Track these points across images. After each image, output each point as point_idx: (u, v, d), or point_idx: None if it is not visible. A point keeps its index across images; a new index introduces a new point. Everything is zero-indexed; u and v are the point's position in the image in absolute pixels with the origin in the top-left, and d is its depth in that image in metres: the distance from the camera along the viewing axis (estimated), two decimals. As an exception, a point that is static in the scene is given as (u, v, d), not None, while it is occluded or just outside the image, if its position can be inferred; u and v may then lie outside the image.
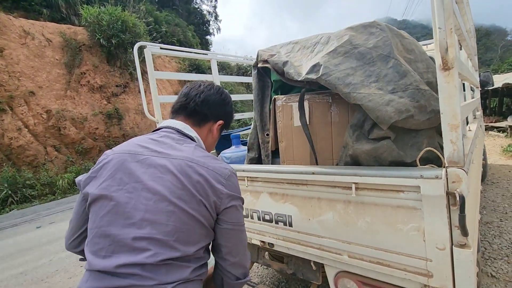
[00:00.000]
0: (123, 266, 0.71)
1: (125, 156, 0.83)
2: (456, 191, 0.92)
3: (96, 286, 0.72)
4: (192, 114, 1.02)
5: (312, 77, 1.26)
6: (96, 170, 0.85)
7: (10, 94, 9.43)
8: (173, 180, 0.78)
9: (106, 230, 0.75)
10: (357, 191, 1.16)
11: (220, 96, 1.07)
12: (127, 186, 0.78)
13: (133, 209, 0.75)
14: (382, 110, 1.10)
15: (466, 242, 0.95)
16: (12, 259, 3.99)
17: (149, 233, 0.73)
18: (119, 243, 0.73)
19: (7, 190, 8.10)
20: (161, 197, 0.76)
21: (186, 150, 0.87)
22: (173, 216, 0.75)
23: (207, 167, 0.83)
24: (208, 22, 27.89)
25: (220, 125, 1.08)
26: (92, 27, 12.08)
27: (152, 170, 0.79)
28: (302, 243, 1.39)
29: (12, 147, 9.05)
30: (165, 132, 0.95)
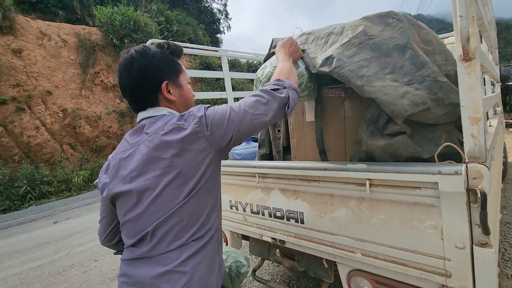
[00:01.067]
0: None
1: (119, 155, 0.90)
2: (477, 187, 0.87)
3: (127, 259, 0.85)
4: (142, 105, 0.93)
5: (325, 70, 1.21)
6: (108, 174, 0.92)
7: (28, 94, 9.76)
8: (154, 156, 0.81)
9: (128, 218, 0.85)
10: (371, 188, 1.13)
11: (132, 69, 0.89)
12: (128, 177, 0.84)
13: (139, 190, 0.82)
14: (398, 103, 1.05)
15: (487, 241, 0.90)
16: (31, 253, 4.14)
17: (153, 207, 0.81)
18: (137, 225, 0.83)
19: (26, 187, 8.41)
20: (153, 174, 0.81)
21: (155, 126, 0.86)
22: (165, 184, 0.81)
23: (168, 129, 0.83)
24: (219, 20, 27.96)
25: (167, 85, 0.92)
26: (105, 27, 12.34)
27: (139, 156, 0.83)
28: (314, 240, 1.36)
29: (31, 145, 9.37)
30: (140, 123, 0.92)
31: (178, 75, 0.97)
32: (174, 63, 0.96)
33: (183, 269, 0.77)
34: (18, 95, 9.52)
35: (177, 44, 1.00)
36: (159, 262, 0.78)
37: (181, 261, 0.78)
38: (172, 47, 0.96)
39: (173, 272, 0.77)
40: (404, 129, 1.11)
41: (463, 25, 0.83)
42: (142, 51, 0.90)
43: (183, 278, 0.76)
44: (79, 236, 4.58)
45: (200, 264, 0.80)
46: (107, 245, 1.05)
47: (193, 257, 0.79)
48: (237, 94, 3.17)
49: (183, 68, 1.00)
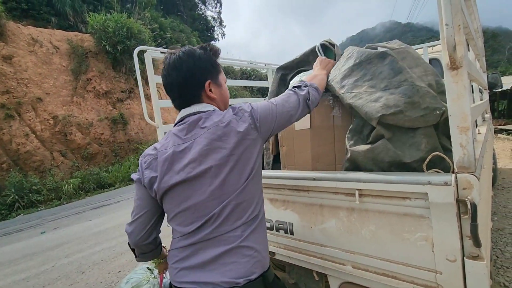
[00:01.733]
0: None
1: (169, 150, 0.93)
2: (467, 198, 0.85)
3: (185, 245, 0.91)
4: (187, 102, 0.99)
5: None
6: (153, 168, 0.94)
7: (18, 101, 9.61)
8: (217, 146, 0.89)
9: (187, 206, 0.90)
10: (361, 198, 1.10)
11: (181, 69, 0.96)
12: (187, 169, 0.89)
13: (203, 178, 0.89)
14: (370, 106, 1.10)
15: (479, 254, 0.88)
16: (16, 265, 3.99)
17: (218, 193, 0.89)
18: (199, 210, 0.89)
19: (14, 195, 8.19)
20: (216, 163, 0.88)
21: (212, 119, 0.93)
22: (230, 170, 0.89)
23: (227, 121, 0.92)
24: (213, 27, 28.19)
25: (210, 84, 0.99)
26: (98, 34, 12.30)
27: (199, 147, 0.89)
28: (304, 252, 1.32)
29: (20, 152, 9.18)
30: (188, 118, 0.97)
31: (218, 75, 1.04)
32: (216, 63, 1.03)
33: (248, 244, 0.88)
34: (7, 102, 9.36)
35: (217, 46, 1.07)
36: (223, 242, 0.87)
37: (244, 237, 0.88)
38: (213, 48, 1.04)
39: (240, 247, 0.87)
40: (381, 132, 1.12)
41: (449, 33, 0.82)
42: (189, 53, 0.97)
43: (249, 251, 0.88)
44: (67, 247, 4.44)
45: (258, 238, 0.92)
46: (143, 243, 1.04)
47: (253, 233, 0.90)
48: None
49: (221, 68, 1.07)
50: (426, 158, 1.03)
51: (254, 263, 0.88)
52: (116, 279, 3.12)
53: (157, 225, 1.04)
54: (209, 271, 0.86)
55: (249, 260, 0.87)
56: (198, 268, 0.87)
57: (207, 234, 0.88)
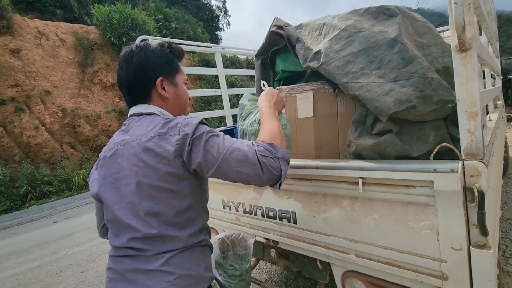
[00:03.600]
0: (129, 241, 0.83)
1: (104, 153, 0.92)
2: (475, 186, 0.83)
3: (114, 255, 0.87)
4: (135, 99, 0.95)
5: (313, 66, 1.20)
6: (96, 172, 0.95)
7: (27, 94, 9.75)
8: (135, 162, 0.83)
9: (112, 218, 0.88)
10: (365, 187, 1.08)
11: (131, 62, 0.90)
12: (111, 178, 0.87)
13: (120, 196, 0.85)
14: (381, 100, 1.02)
15: (485, 242, 0.86)
16: (29, 253, 4.13)
17: (132, 213, 0.83)
18: (121, 225, 0.85)
19: (26, 187, 8.42)
20: (130, 180, 0.83)
21: (139, 129, 0.87)
22: (143, 193, 0.82)
23: (153, 135, 0.83)
24: (218, 17, 27.83)
25: (162, 81, 0.93)
26: (103, 26, 12.28)
27: (121, 159, 0.86)
28: (307, 241, 1.32)
29: (31, 145, 9.37)
30: (128, 121, 0.95)
31: (175, 74, 0.98)
32: (173, 61, 0.98)
33: (169, 269, 0.80)
34: (17, 95, 9.51)
35: (179, 46, 1.02)
36: (143, 261, 0.81)
37: (166, 260, 0.80)
38: (172, 47, 0.98)
39: (158, 271, 0.79)
40: (390, 127, 1.07)
41: (458, 12, 0.78)
42: (142, 47, 0.93)
43: (169, 276, 0.79)
44: (77, 236, 4.56)
45: (186, 263, 0.83)
46: (104, 237, 1.06)
47: (180, 256, 0.83)
48: (231, 91, 3.12)
49: (181, 68, 1.02)
50: (436, 152, 0.99)
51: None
52: (125, 267, 3.20)
53: None
54: (127, 281, 0.80)
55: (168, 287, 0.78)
56: (120, 276, 0.82)
57: (128, 251, 0.83)
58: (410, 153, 1.05)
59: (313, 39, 1.40)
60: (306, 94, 1.39)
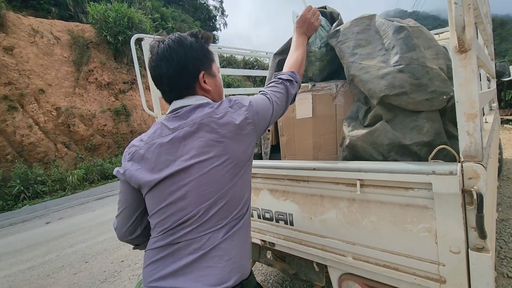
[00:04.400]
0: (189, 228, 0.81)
1: (156, 140, 0.86)
2: (473, 188, 0.82)
3: (161, 246, 0.83)
4: (179, 95, 0.92)
5: (332, 43, 1.29)
6: (137, 161, 0.88)
7: (20, 92, 9.60)
8: (212, 138, 0.82)
9: (172, 200, 0.82)
10: (362, 188, 1.07)
11: (171, 60, 0.87)
12: (177, 162, 0.82)
13: (191, 174, 0.81)
14: (375, 82, 1.07)
15: (484, 245, 0.85)
16: (21, 254, 4.05)
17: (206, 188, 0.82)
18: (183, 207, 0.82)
19: (19, 186, 8.29)
20: (210, 155, 0.81)
21: (202, 112, 0.86)
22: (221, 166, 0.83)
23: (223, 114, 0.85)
24: (215, 17, 27.77)
25: (204, 74, 0.92)
26: (99, 25, 12.17)
27: (189, 140, 0.83)
28: (304, 243, 1.31)
29: (24, 144, 9.23)
30: (179, 111, 0.90)
31: (212, 64, 0.97)
32: (209, 52, 0.96)
33: (227, 247, 0.81)
34: (10, 94, 9.36)
35: (208, 32, 0.99)
36: (200, 244, 0.79)
37: (224, 240, 0.81)
38: (205, 35, 0.95)
39: (218, 250, 0.79)
40: (380, 112, 1.09)
41: (458, 13, 0.77)
42: (179, 42, 0.89)
43: (227, 256, 0.80)
44: (71, 237, 4.49)
45: (240, 243, 0.84)
46: (127, 238, 0.99)
47: (234, 236, 0.83)
48: (228, 91, 3.09)
49: (214, 56, 1.00)
50: (428, 142, 0.99)
51: (232, 270, 0.80)
52: (119, 268, 3.15)
53: (141, 220, 0.97)
54: (182, 276, 0.77)
55: (226, 266, 0.79)
56: (171, 276, 0.78)
57: (184, 235, 0.80)
58: (402, 141, 1.06)
59: None
60: (305, 95, 1.38)
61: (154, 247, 0.84)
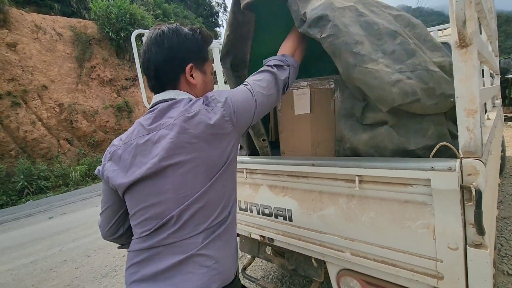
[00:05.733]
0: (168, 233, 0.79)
1: (133, 141, 0.85)
2: (472, 185, 0.81)
3: (142, 249, 0.81)
4: (163, 84, 0.90)
5: (316, 35, 1.04)
6: (115, 161, 0.87)
7: (23, 88, 9.64)
8: (184, 139, 0.79)
9: (148, 204, 0.81)
10: (361, 184, 1.07)
11: (162, 46, 0.86)
12: (147, 164, 0.80)
13: (165, 176, 0.79)
14: (386, 90, 0.97)
15: (482, 242, 0.85)
16: (24, 249, 4.10)
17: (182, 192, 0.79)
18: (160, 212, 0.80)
19: (23, 182, 8.36)
20: (182, 158, 0.78)
21: (177, 110, 0.83)
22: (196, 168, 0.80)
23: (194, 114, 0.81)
24: (217, 13, 27.64)
25: (192, 68, 0.90)
26: (101, 21, 12.14)
27: (163, 141, 0.80)
28: (303, 238, 1.31)
29: (27, 140, 9.29)
30: (159, 105, 0.87)
31: (204, 62, 0.95)
32: (204, 49, 0.95)
33: (207, 253, 0.78)
34: (13, 90, 9.40)
35: (209, 32, 0.98)
36: (180, 249, 0.77)
37: (205, 245, 0.78)
38: (204, 33, 0.95)
39: (198, 256, 0.77)
40: (385, 118, 1.05)
41: (459, 7, 0.76)
42: (175, 30, 0.89)
43: (208, 261, 0.78)
44: (73, 232, 4.54)
45: (222, 247, 0.82)
46: (110, 238, 0.99)
47: (216, 240, 0.80)
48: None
49: (209, 57, 0.99)
50: (433, 146, 0.97)
51: (213, 276, 0.77)
52: (120, 263, 3.18)
53: (124, 220, 0.96)
54: (161, 280, 0.76)
55: (207, 272, 0.77)
56: (151, 280, 0.77)
57: (164, 239, 0.78)
58: (407, 146, 1.04)
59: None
60: (303, 90, 1.37)
61: (135, 249, 0.83)
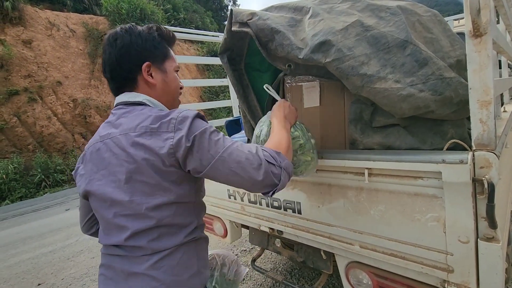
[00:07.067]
0: (118, 240, 0.78)
1: (91, 147, 0.85)
2: (485, 177, 0.80)
3: (105, 253, 0.84)
4: (119, 86, 0.87)
5: (320, 60, 1.02)
6: (84, 165, 0.87)
7: (39, 84, 9.93)
8: (123, 157, 0.76)
9: (100, 216, 0.83)
10: (370, 177, 1.06)
11: (114, 46, 0.84)
12: (97, 175, 0.81)
13: (106, 194, 0.78)
14: (396, 106, 0.96)
15: (494, 235, 0.83)
16: (43, 239, 4.28)
17: (120, 211, 0.77)
18: (110, 224, 0.80)
19: (40, 175, 8.68)
20: (119, 177, 0.76)
21: (128, 121, 0.80)
22: (134, 190, 0.76)
23: (143, 132, 0.76)
24: (226, 7, 27.45)
25: (149, 66, 0.86)
26: (112, 16, 12.32)
27: (108, 154, 0.79)
28: (311, 231, 1.32)
29: (43, 134, 9.60)
30: (115, 111, 0.86)
31: (164, 60, 0.90)
32: (161, 46, 0.90)
33: (156, 275, 0.75)
34: (29, 86, 9.69)
35: (169, 30, 0.95)
36: (132, 263, 0.76)
37: (152, 264, 0.75)
38: (161, 30, 0.91)
39: (145, 276, 0.74)
40: (396, 122, 1.04)
41: (473, -5, 0.74)
42: (128, 29, 0.86)
43: (155, 282, 0.74)
44: (89, 223, 4.69)
45: (175, 267, 0.77)
46: (88, 233, 1.05)
47: (164, 260, 0.76)
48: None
49: (172, 54, 0.94)
50: (449, 148, 0.95)
51: None
52: (134, 253, 3.28)
53: (96, 220, 0.97)
54: (116, 282, 0.78)
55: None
56: (114, 281, 0.78)
57: (117, 251, 0.78)
58: (422, 147, 1.02)
59: (297, 22, 1.18)
60: (312, 83, 1.36)
61: (102, 251, 0.86)
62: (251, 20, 1.16)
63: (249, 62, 1.53)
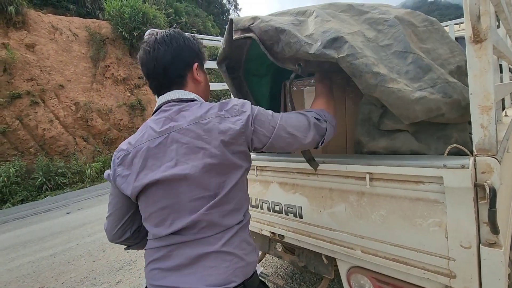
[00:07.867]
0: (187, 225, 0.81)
1: (144, 144, 0.85)
2: (486, 182, 0.80)
3: (160, 245, 0.84)
4: (170, 84, 0.91)
5: (332, 55, 0.98)
6: (126, 166, 0.87)
7: (42, 88, 9.98)
8: (197, 144, 0.80)
9: (163, 205, 0.83)
10: (372, 182, 1.06)
11: (170, 45, 0.89)
12: (163, 166, 0.82)
13: (180, 175, 0.80)
14: (410, 109, 0.94)
15: (496, 241, 0.83)
16: (44, 242, 4.27)
17: (197, 191, 0.80)
18: (179, 209, 0.82)
19: (41, 178, 8.68)
20: (195, 163, 0.79)
21: (191, 114, 0.84)
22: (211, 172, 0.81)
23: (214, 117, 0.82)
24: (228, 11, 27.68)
25: (198, 66, 0.95)
26: (114, 21, 12.40)
27: (176, 145, 0.82)
28: (313, 235, 1.31)
29: (45, 137, 9.63)
30: (168, 107, 0.89)
31: (204, 62, 1.01)
32: (203, 53, 1.00)
33: (229, 249, 0.82)
34: (32, 89, 9.75)
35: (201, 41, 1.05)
36: (202, 244, 0.80)
37: (225, 242, 0.82)
38: (199, 40, 1.02)
39: (220, 252, 0.80)
40: (405, 127, 1.03)
41: (473, 1, 0.74)
42: (179, 32, 0.95)
43: (230, 256, 0.81)
44: (89, 227, 4.69)
45: (241, 244, 0.85)
46: (117, 241, 1.02)
47: (235, 238, 0.84)
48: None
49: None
50: (453, 152, 0.95)
51: (235, 270, 0.81)
52: (134, 257, 3.27)
53: (131, 223, 0.98)
54: (185, 276, 0.79)
55: (230, 266, 0.80)
56: (175, 270, 0.80)
57: (184, 237, 0.81)
58: (427, 152, 1.02)
59: (302, 23, 1.15)
60: (314, 88, 1.37)
61: (154, 246, 0.85)
62: (253, 24, 1.15)
63: (247, 68, 1.54)
